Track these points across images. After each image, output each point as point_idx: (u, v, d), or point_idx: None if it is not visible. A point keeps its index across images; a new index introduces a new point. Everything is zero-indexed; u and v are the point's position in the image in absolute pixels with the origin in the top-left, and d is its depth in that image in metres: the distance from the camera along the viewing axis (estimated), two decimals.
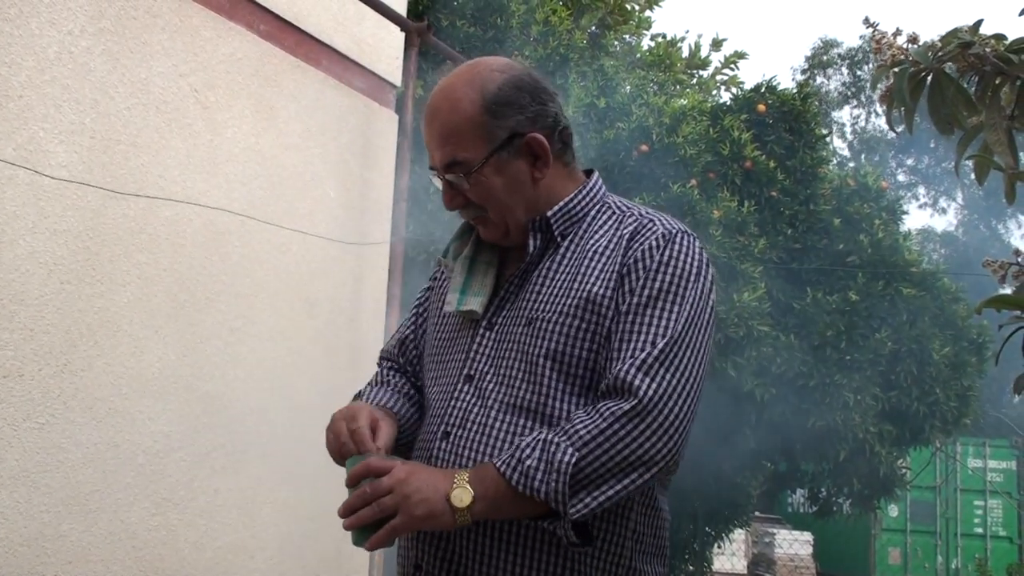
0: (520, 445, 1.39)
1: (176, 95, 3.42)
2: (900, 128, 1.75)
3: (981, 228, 25.68)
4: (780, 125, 7.15)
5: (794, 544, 12.34)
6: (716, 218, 6.36)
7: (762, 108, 7.11)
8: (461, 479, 1.38)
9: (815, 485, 8.18)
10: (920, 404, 6.92)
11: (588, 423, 1.39)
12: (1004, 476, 13.46)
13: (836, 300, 6.83)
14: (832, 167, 8.29)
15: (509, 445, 1.47)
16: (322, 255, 4.12)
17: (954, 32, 1.64)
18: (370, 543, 1.38)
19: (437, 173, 1.57)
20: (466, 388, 1.55)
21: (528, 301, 1.53)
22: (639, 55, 9.05)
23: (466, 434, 1.51)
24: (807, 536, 12.44)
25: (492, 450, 1.48)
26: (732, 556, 11.55)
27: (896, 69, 1.66)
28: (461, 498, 1.36)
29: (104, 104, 3.14)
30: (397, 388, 1.71)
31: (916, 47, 1.66)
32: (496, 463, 1.39)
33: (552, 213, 1.56)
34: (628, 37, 9.34)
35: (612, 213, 1.59)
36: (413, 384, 1.74)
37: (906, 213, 8.25)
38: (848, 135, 26.89)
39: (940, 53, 1.63)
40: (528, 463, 1.37)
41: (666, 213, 1.61)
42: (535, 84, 1.57)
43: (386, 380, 1.74)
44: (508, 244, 1.61)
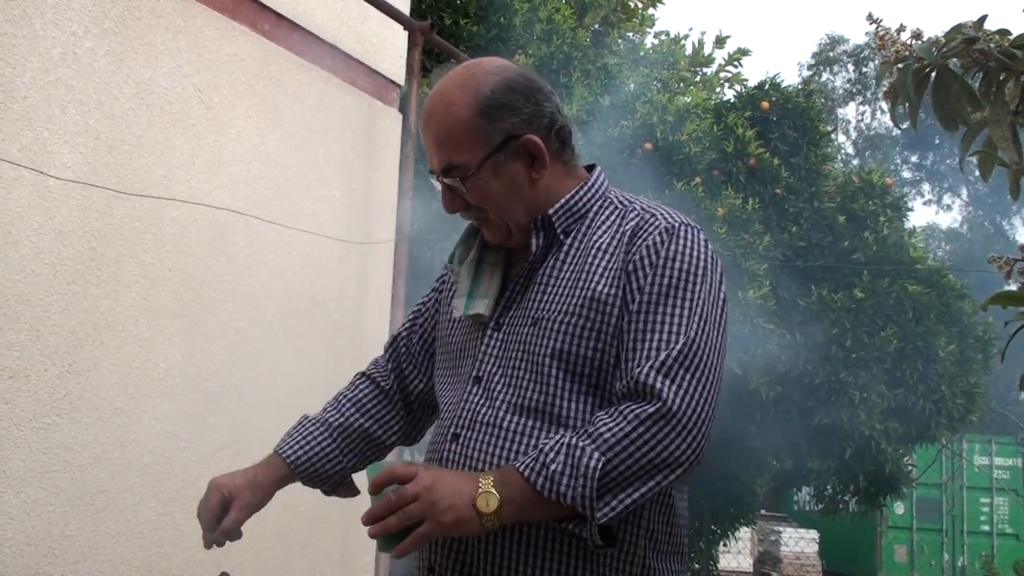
0: (543, 449, 1.38)
1: (180, 95, 3.42)
2: (904, 125, 1.74)
3: (986, 224, 25.64)
4: (784, 122, 7.15)
5: (800, 542, 12.33)
6: (720, 216, 6.36)
7: (766, 105, 7.11)
8: (486, 483, 1.36)
9: (821, 483, 8.17)
10: (926, 401, 6.91)
11: (612, 426, 1.38)
12: (1010, 473, 13.44)
13: (841, 297, 6.82)
14: (837, 164, 8.29)
15: (518, 445, 1.47)
16: (327, 254, 4.12)
17: (958, 28, 1.63)
18: (397, 551, 1.37)
19: (436, 176, 1.57)
20: (475, 390, 1.55)
21: (533, 301, 1.53)
22: (642, 53, 9.05)
23: (475, 435, 1.51)
24: (813, 534, 12.41)
25: (501, 451, 1.48)
26: (738, 554, 11.53)
27: (900, 65, 1.66)
28: (488, 503, 1.35)
29: (108, 105, 3.14)
30: (341, 408, 1.77)
31: (920, 43, 1.65)
32: (519, 467, 1.38)
33: (553, 211, 1.56)
34: (631, 35, 9.34)
35: (614, 208, 1.58)
36: (381, 388, 1.79)
37: (911, 210, 8.25)
38: (853, 132, 26.86)
39: (944, 49, 1.63)
40: (553, 467, 1.35)
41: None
42: (529, 85, 1.56)
43: (338, 400, 1.80)
44: (511, 245, 1.61)
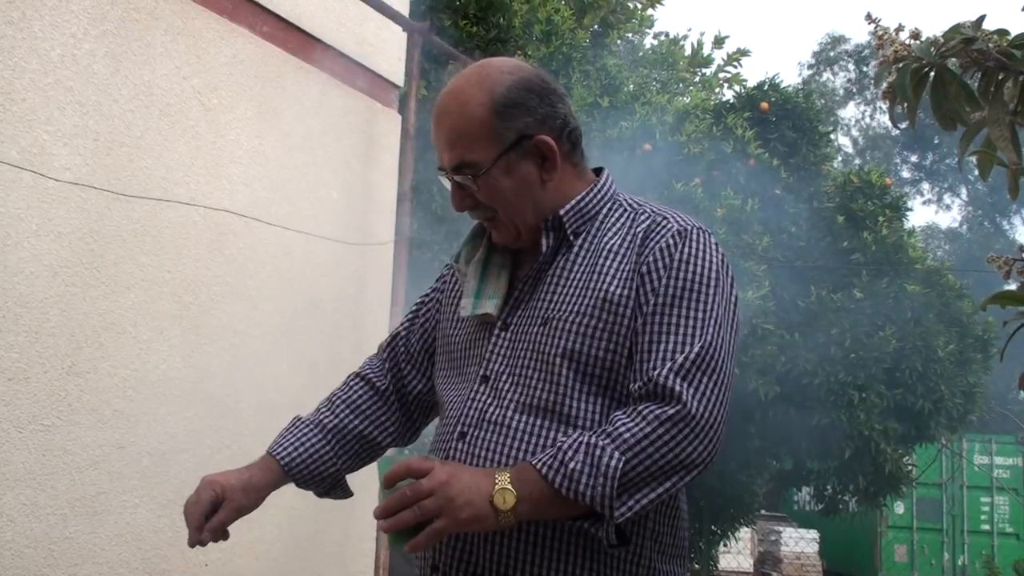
0: (561, 447, 1.38)
1: (179, 97, 3.42)
2: (903, 124, 1.74)
3: (985, 224, 25.63)
4: (783, 123, 7.15)
5: (800, 542, 12.32)
6: (720, 216, 6.36)
7: (765, 106, 7.11)
8: (503, 480, 1.36)
9: (821, 483, 8.17)
10: (925, 401, 6.91)
11: (632, 426, 1.38)
12: (1010, 472, 13.42)
13: (840, 298, 6.82)
14: (836, 164, 8.29)
15: (526, 444, 1.47)
16: (326, 256, 4.12)
17: (957, 28, 1.63)
18: (410, 546, 1.35)
19: (446, 174, 1.57)
20: (482, 389, 1.54)
21: (543, 301, 1.53)
22: (642, 54, 9.06)
23: (482, 434, 1.51)
24: (813, 534, 12.41)
25: (509, 450, 1.48)
26: (738, 554, 11.52)
27: (899, 65, 1.66)
28: (505, 499, 1.34)
29: (107, 106, 3.14)
30: (335, 409, 1.74)
31: (919, 43, 1.65)
32: (536, 464, 1.37)
33: (565, 211, 1.56)
34: (631, 36, 9.35)
35: (624, 211, 1.59)
36: (375, 388, 1.76)
37: (910, 210, 8.24)
38: (853, 132, 26.88)
39: (943, 49, 1.63)
40: (572, 466, 1.35)
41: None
42: (544, 85, 1.56)
43: (331, 401, 1.77)
44: (520, 246, 1.61)
